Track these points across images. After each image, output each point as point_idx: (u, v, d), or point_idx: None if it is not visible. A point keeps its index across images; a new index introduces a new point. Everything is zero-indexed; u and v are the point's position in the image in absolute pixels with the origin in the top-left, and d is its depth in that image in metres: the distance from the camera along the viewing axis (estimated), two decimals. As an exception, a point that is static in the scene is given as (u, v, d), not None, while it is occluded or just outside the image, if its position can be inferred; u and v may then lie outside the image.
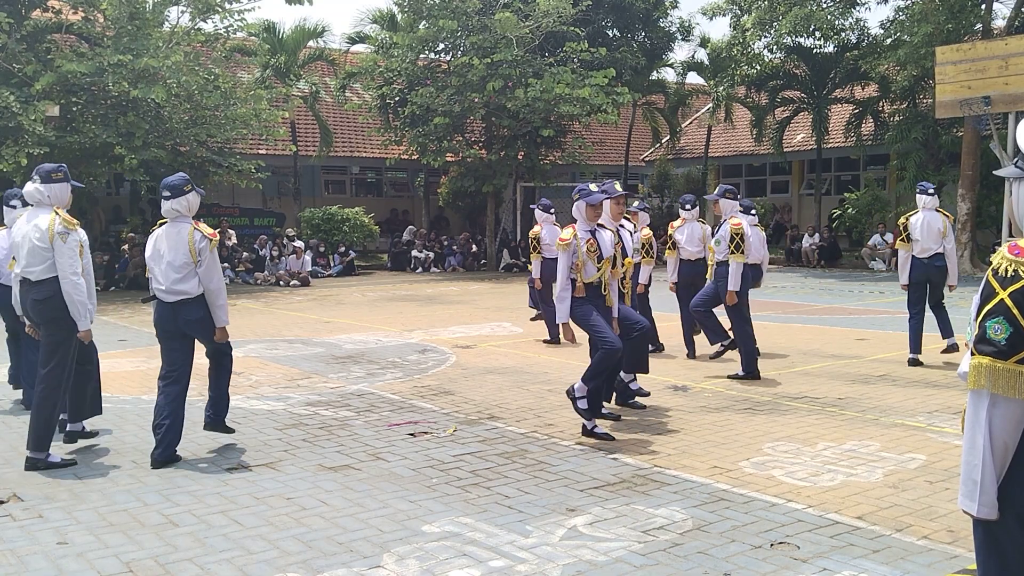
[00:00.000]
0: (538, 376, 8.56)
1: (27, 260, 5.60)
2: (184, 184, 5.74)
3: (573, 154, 24.73)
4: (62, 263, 5.52)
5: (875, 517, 4.52)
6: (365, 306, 15.55)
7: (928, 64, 19.95)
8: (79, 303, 5.55)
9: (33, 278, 5.60)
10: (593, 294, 6.15)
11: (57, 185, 5.69)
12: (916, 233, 8.84)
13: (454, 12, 22.16)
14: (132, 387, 8.21)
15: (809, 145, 27.19)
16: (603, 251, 6.17)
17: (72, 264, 5.53)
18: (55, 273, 5.54)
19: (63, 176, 5.74)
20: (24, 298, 5.72)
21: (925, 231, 8.82)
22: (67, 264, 5.52)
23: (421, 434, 6.34)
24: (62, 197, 5.72)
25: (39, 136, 16.12)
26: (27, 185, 5.74)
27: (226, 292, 5.89)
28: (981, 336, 2.34)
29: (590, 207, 6.14)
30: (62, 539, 4.32)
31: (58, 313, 5.56)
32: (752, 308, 8.95)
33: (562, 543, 4.20)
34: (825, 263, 24.04)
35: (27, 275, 5.63)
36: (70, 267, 5.52)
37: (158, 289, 5.74)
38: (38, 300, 5.59)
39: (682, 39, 27.85)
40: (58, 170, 5.74)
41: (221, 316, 5.77)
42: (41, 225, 5.57)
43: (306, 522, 4.53)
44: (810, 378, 8.34)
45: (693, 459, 5.62)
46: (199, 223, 5.76)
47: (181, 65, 17.73)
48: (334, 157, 27.30)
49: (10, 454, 5.91)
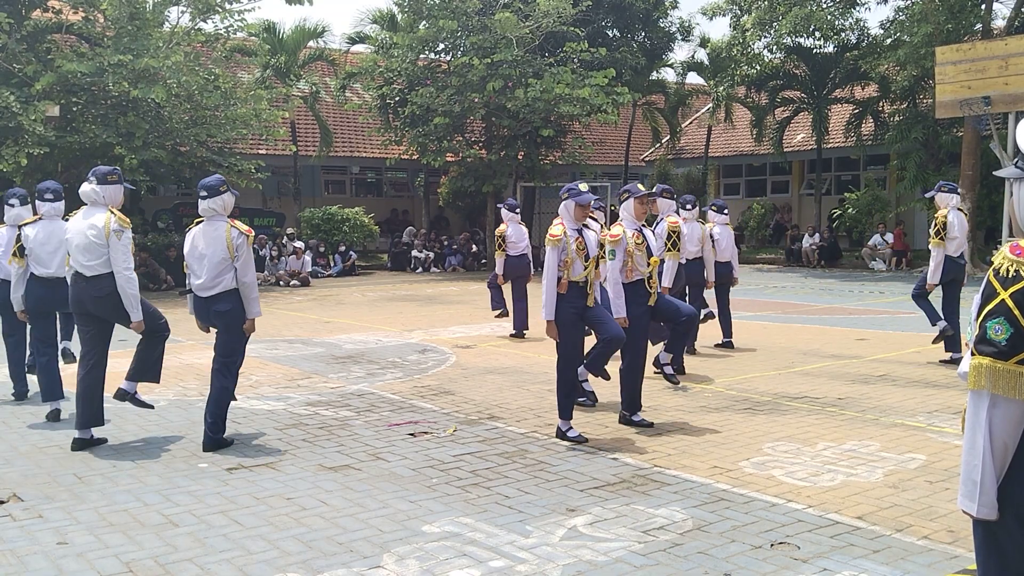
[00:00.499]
0: (538, 376, 8.56)
1: (83, 256, 5.93)
2: (220, 184, 6.08)
3: (573, 154, 24.72)
4: (117, 258, 5.91)
5: (875, 517, 4.52)
6: (365, 306, 15.55)
7: (928, 64, 19.95)
8: (132, 296, 5.95)
9: (88, 273, 5.94)
10: (577, 293, 6.17)
11: (112, 187, 6.07)
12: (955, 231, 8.82)
13: (454, 12, 22.15)
14: (132, 387, 8.20)
15: (809, 145, 27.19)
16: (589, 250, 6.22)
17: (126, 260, 5.93)
18: (110, 268, 5.91)
19: (117, 178, 6.12)
20: (81, 293, 6.02)
21: (959, 229, 8.85)
22: (121, 259, 5.92)
23: (421, 434, 6.34)
24: (116, 197, 6.10)
25: (39, 136, 16.11)
26: (84, 186, 6.08)
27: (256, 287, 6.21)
28: (982, 336, 2.34)
29: (578, 207, 6.20)
30: (62, 539, 4.32)
31: (118, 310, 5.98)
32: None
33: (562, 543, 4.20)
34: (825, 263, 24.04)
35: (82, 270, 5.96)
36: (124, 262, 5.93)
37: (195, 284, 6.08)
38: (98, 297, 5.97)
39: (682, 39, 27.84)
40: (112, 172, 6.12)
41: (254, 308, 6.11)
42: (97, 223, 5.92)
43: (306, 522, 4.53)
44: (810, 378, 8.34)
45: (693, 459, 5.62)
46: (234, 221, 6.07)
47: (181, 65, 17.72)
48: (334, 157, 27.29)
49: (10, 454, 5.92)
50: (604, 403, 7.29)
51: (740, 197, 30.91)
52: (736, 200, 30.96)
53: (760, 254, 26.70)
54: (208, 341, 7.14)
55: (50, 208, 7.05)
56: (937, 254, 8.81)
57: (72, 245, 6.01)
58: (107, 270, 5.93)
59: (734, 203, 30.88)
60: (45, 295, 6.99)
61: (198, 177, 20.70)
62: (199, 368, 9.17)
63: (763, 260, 25.98)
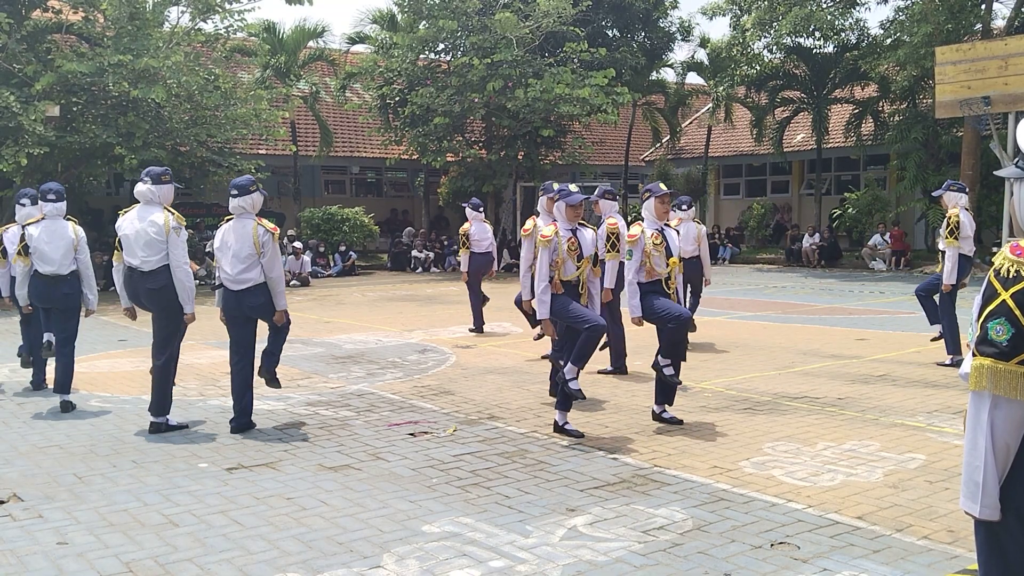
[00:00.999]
0: (538, 376, 8.55)
1: (143, 251, 6.29)
2: (250, 184, 6.45)
3: (573, 154, 24.72)
4: (175, 254, 6.31)
5: (875, 517, 4.52)
6: (365, 306, 15.55)
7: (928, 64, 19.95)
8: (188, 289, 6.36)
9: (146, 268, 6.31)
10: (571, 293, 6.17)
11: (165, 186, 6.46)
12: (967, 230, 8.72)
13: (454, 12, 22.16)
14: (132, 387, 8.21)
15: (809, 145, 27.19)
16: (583, 250, 6.21)
17: (183, 255, 6.37)
18: (166, 263, 6.29)
19: (169, 179, 6.52)
20: (136, 287, 6.40)
21: (970, 229, 8.78)
22: (179, 255, 6.32)
23: (421, 434, 6.34)
24: (168, 196, 6.50)
25: (39, 136, 16.10)
26: (139, 185, 6.45)
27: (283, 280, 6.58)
28: (983, 337, 2.34)
29: (569, 207, 6.21)
30: (62, 539, 4.32)
31: (173, 301, 6.35)
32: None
33: (562, 543, 4.20)
34: (825, 263, 24.04)
35: (140, 266, 6.32)
36: (182, 257, 6.34)
37: (225, 278, 6.41)
38: (153, 289, 6.33)
39: (682, 39, 27.85)
40: (165, 173, 6.51)
41: (281, 301, 6.47)
42: (157, 220, 6.30)
43: (306, 522, 4.53)
44: (810, 378, 8.34)
45: (693, 459, 5.62)
46: (262, 219, 6.43)
47: (181, 65, 17.71)
48: (334, 157, 27.29)
49: (10, 454, 5.92)
50: (604, 403, 7.29)
51: (740, 197, 30.92)
52: (736, 200, 30.97)
53: (760, 254, 26.70)
54: (208, 341, 7.18)
55: (52, 208, 7.29)
56: (952, 254, 8.62)
57: (129, 241, 6.32)
58: (163, 264, 6.29)
59: (734, 203, 30.94)
60: (47, 291, 7.27)
61: (198, 177, 20.76)
62: (199, 368, 9.17)
63: (763, 260, 25.98)
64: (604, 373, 8.50)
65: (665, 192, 6.53)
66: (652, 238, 6.41)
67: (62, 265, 7.22)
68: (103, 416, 7.02)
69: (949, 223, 8.66)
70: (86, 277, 7.42)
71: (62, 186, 7.63)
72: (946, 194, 8.93)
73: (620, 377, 8.46)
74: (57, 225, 7.26)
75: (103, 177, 20.70)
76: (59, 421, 6.86)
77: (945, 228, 8.72)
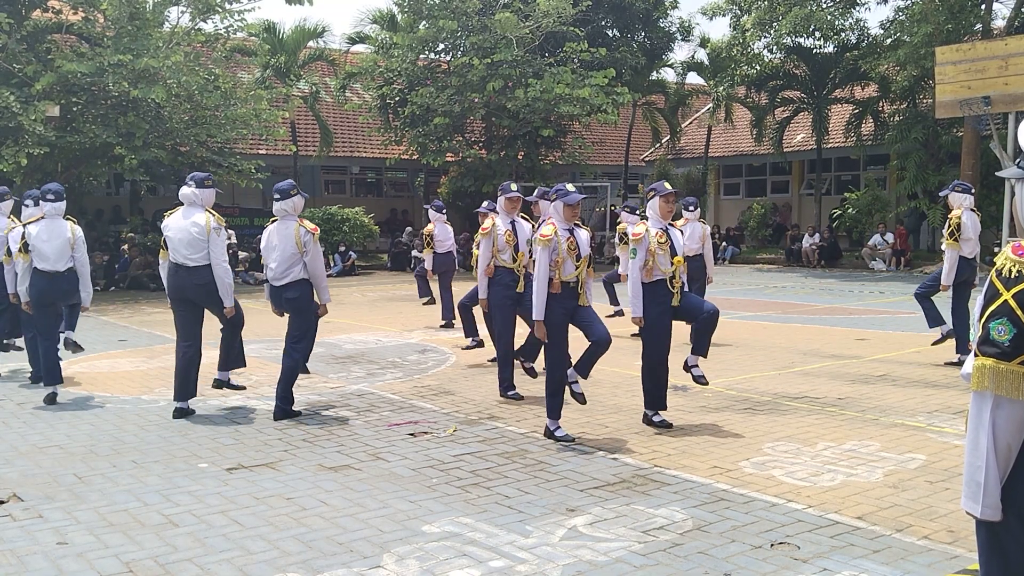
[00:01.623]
0: (538, 376, 8.55)
1: (187, 250, 6.85)
2: (291, 188, 7.02)
3: (573, 154, 24.71)
4: (215, 252, 6.86)
5: (875, 517, 4.52)
6: (365, 306, 15.55)
7: (928, 64, 19.93)
8: (227, 284, 6.95)
9: (190, 264, 6.86)
10: (569, 293, 6.15)
11: (207, 190, 7.03)
12: (969, 232, 8.71)
13: (454, 12, 22.15)
14: (132, 387, 8.21)
15: (809, 145, 27.19)
16: (581, 250, 6.21)
17: (223, 253, 6.92)
18: (208, 261, 6.84)
19: (212, 184, 7.11)
20: (182, 282, 6.92)
21: (974, 230, 8.77)
22: (219, 253, 6.88)
23: (421, 434, 6.33)
24: (210, 199, 7.05)
25: (39, 136, 16.10)
26: (183, 188, 6.99)
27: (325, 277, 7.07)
28: (985, 337, 2.33)
29: (567, 207, 6.20)
30: (62, 539, 4.32)
31: (215, 294, 6.93)
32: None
33: (562, 543, 4.20)
34: (825, 263, 24.04)
35: (185, 262, 6.86)
36: (221, 255, 6.90)
37: (269, 275, 6.98)
38: (198, 285, 6.90)
39: (682, 39, 27.84)
40: (208, 178, 7.10)
41: (324, 295, 7.04)
42: (199, 221, 6.86)
43: (306, 522, 4.53)
44: (810, 378, 8.34)
45: (693, 459, 5.62)
46: (303, 220, 6.94)
47: (181, 65, 17.71)
48: (334, 157, 27.28)
49: (10, 454, 5.91)
50: (603, 403, 7.29)
51: (740, 197, 30.92)
52: (736, 200, 30.97)
53: (760, 254, 26.70)
54: (208, 341, 7.23)
55: (51, 208, 7.63)
56: (951, 255, 8.66)
57: (175, 240, 6.88)
58: (206, 262, 6.85)
59: (734, 203, 30.94)
60: (47, 287, 7.60)
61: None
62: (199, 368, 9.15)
63: (763, 260, 25.99)
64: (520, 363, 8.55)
65: (670, 191, 6.53)
66: (657, 237, 6.40)
67: (58, 262, 7.55)
68: (103, 416, 7.02)
69: (950, 224, 8.67)
70: (82, 275, 7.74)
71: (62, 187, 7.92)
72: (951, 195, 8.94)
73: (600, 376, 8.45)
74: (56, 224, 7.59)
75: (103, 177, 20.69)
76: (59, 421, 6.86)
77: (946, 229, 8.73)
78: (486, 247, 7.75)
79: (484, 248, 7.74)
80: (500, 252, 7.71)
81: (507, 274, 7.70)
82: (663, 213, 6.52)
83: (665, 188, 6.55)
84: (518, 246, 7.75)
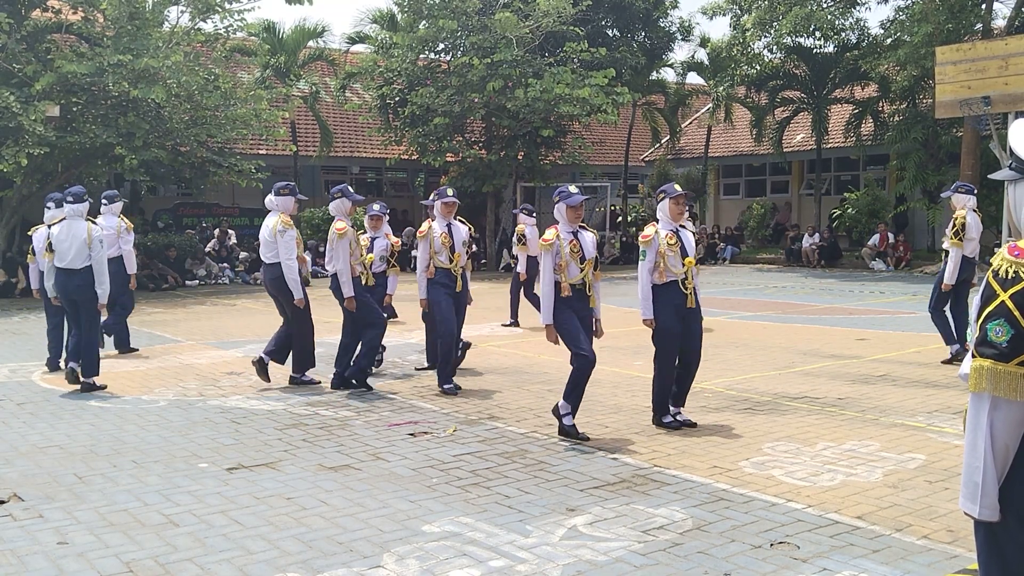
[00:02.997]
0: (538, 376, 8.56)
1: (265, 249, 8.09)
2: (335, 194, 8.01)
3: (573, 154, 24.70)
4: (281, 251, 7.89)
5: (875, 517, 4.52)
6: (365, 306, 15.52)
7: (928, 64, 19.93)
8: (292, 280, 7.89)
9: (267, 261, 8.06)
10: (577, 296, 6.16)
11: (283, 198, 8.05)
12: (972, 232, 8.75)
13: (454, 12, 22.14)
14: (132, 387, 8.22)
15: (809, 145, 27.17)
16: (585, 252, 6.20)
17: (288, 252, 7.87)
18: (278, 259, 7.89)
19: (288, 191, 8.10)
20: (264, 276, 8.33)
21: (976, 231, 8.81)
22: (284, 252, 7.88)
23: (421, 434, 6.34)
24: (287, 206, 8.05)
25: (39, 136, 16.10)
26: (268, 196, 8.14)
27: (349, 272, 7.75)
28: (982, 338, 2.33)
29: (569, 208, 6.20)
30: (62, 539, 4.32)
31: (285, 288, 7.95)
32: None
33: (562, 543, 4.21)
34: (825, 263, 24.03)
35: (264, 259, 8.11)
36: (286, 254, 7.87)
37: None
38: (272, 279, 8.03)
39: (682, 39, 27.80)
40: (285, 187, 8.10)
41: (346, 291, 7.79)
42: (269, 224, 7.97)
43: (306, 522, 4.53)
44: (810, 378, 8.34)
45: (693, 459, 5.62)
46: (337, 221, 7.82)
47: (181, 65, 17.70)
48: (334, 157, 27.26)
49: (10, 454, 5.92)
50: (603, 403, 7.29)
51: (740, 197, 30.91)
52: (736, 200, 30.97)
53: (760, 254, 26.70)
54: (208, 341, 7.22)
55: (71, 209, 8.11)
56: (955, 255, 8.72)
57: (261, 241, 8.16)
58: (277, 260, 7.91)
59: (734, 203, 30.94)
60: (64, 282, 8.07)
61: (198, 177, 20.76)
62: (199, 368, 9.18)
63: (763, 260, 25.98)
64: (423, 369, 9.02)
65: (680, 193, 6.50)
66: (667, 238, 6.37)
67: (74, 260, 7.96)
68: (103, 416, 7.03)
69: (955, 225, 8.73)
70: (98, 273, 8.04)
71: (83, 189, 8.41)
72: (954, 196, 8.98)
73: (601, 376, 8.46)
74: (75, 225, 8.04)
75: (103, 177, 20.67)
76: (59, 421, 6.87)
77: (951, 229, 8.78)
78: (424, 249, 8.04)
79: (422, 250, 8.03)
80: (437, 254, 7.99)
81: (445, 274, 8.01)
82: (673, 215, 6.51)
83: (675, 190, 6.53)
84: (454, 247, 8.05)
